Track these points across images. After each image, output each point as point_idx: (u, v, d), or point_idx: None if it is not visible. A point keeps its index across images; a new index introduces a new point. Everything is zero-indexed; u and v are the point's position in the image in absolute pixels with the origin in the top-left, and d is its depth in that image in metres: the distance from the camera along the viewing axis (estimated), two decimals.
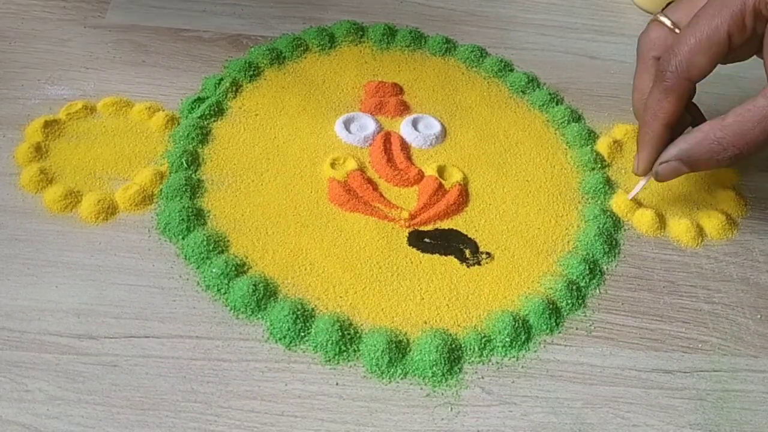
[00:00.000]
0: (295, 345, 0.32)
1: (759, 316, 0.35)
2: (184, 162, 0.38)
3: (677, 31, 0.37)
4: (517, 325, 0.33)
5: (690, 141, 0.35)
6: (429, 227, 0.37)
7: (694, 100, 0.38)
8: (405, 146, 0.41)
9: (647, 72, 0.38)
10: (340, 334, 0.32)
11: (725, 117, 0.34)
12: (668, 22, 0.38)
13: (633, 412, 0.31)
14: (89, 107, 0.40)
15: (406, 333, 0.33)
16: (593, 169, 0.41)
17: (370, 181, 0.38)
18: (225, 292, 0.33)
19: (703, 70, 0.35)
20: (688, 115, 0.38)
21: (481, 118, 0.43)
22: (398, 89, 0.44)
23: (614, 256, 0.37)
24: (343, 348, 0.32)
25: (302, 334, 0.32)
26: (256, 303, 0.33)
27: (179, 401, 0.29)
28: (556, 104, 0.44)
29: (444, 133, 0.42)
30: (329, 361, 0.31)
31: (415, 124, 0.42)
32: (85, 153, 0.38)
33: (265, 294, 0.33)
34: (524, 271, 0.36)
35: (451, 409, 0.30)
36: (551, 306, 0.34)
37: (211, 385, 0.30)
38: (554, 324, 0.34)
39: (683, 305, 0.35)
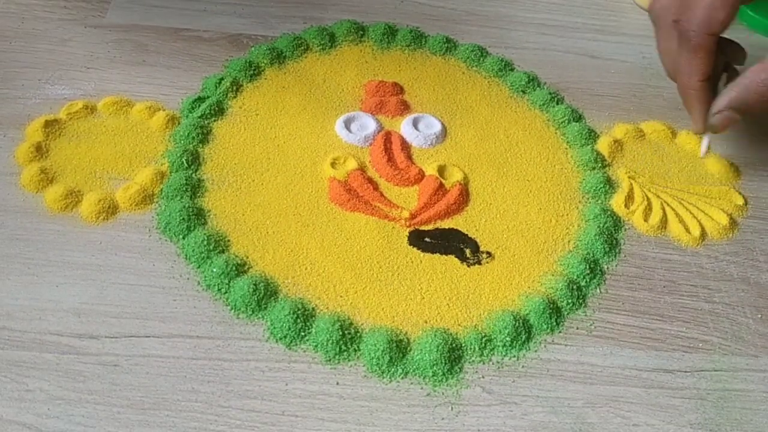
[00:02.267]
0: (296, 344, 0.32)
1: (759, 316, 0.35)
2: (185, 161, 0.38)
3: None
4: (517, 324, 0.33)
5: (738, 88, 0.37)
6: (429, 227, 0.37)
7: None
8: (405, 146, 0.41)
9: (669, 35, 0.40)
10: (340, 333, 0.32)
11: (766, 59, 0.36)
12: None
13: (633, 411, 0.31)
14: (90, 107, 0.40)
15: (406, 332, 0.33)
16: (594, 168, 0.41)
17: (370, 180, 0.38)
18: (225, 292, 0.33)
19: (724, 22, 0.37)
20: (720, 56, 0.40)
21: (482, 117, 0.43)
22: (399, 89, 0.44)
23: (615, 256, 0.37)
24: (344, 347, 0.32)
25: (303, 333, 0.32)
26: (256, 302, 0.33)
27: (180, 401, 0.29)
28: (557, 104, 0.44)
29: (444, 133, 0.42)
30: (330, 360, 0.31)
31: (415, 123, 0.42)
32: (85, 153, 0.38)
33: (265, 293, 0.33)
34: (525, 270, 0.36)
35: (452, 408, 0.30)
36: (552, 305, 0.34)
37: (211, 385, 0.30)
38: (555, 323, 0.34)
39: (684, 305, 0.35)
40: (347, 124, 0.41)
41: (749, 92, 0.36)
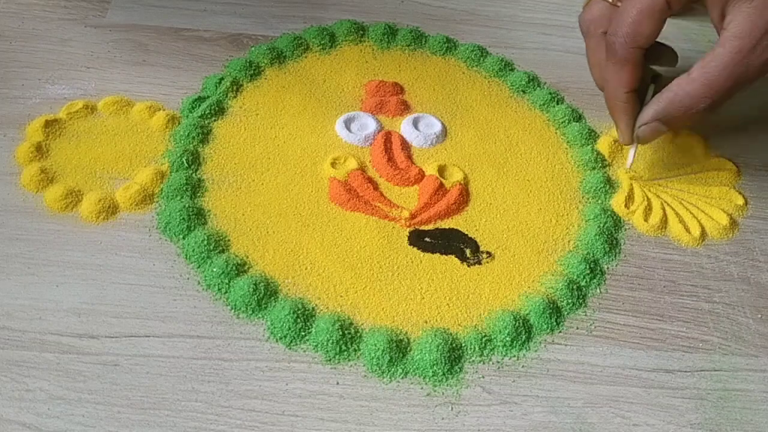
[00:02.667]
0: (296, 344, 0.32)
1: (759, 316, 0.35)
2: (185, 161, 0.38)
3: (618, 4, 0.39)
4: (517, 324, 0.33)
5: (663, 101, 0.37)
6: (429, 226, 0.37)
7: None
8: (405, 145, 0.41)
9: (599, 47, 0.40)
10: (340, 333, 0.32)
11: (691, 72, 0.36)
12: None
13: (634, 411, 0.31)
14: (90, 106, 0.40)
15: (406, 332, 0.33)
16: (594, 168, 0.41)
17: (370, 180, 0.38)
18: (225, 292, 0.33)
19: (650, 36, 0.37)
20: (648, 66, 0.40)
21: (482, 117, 0.43)
22: (399, 89, 0.44)
23: (615, 256, 0.37)
24: (344, 347, 0.32)
25: (303, 333, 0.32)
26: (256, 302, 0.33)
27: (180, 400, 0.29)
28: (557, 104, 0.44)
29: (444, 133, 0.42)
30: (330, 360, 0.31)
31: (415, 123, 0.42)
32: (85, 152, 0.38)
33: (265, 293, 0.33)
34: (525, 270, 0.36)
35: (452, 408, 0.30)
36: (552, 305, 0.34)
37: (211, 385, 0.30)
38: (555, 323, 0.34)
39: (684, 305, 0.35)
40: (347, 124, 0.41)
41: (674, 105, 0.36)
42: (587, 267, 0.36)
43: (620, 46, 0.37)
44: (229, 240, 0.35)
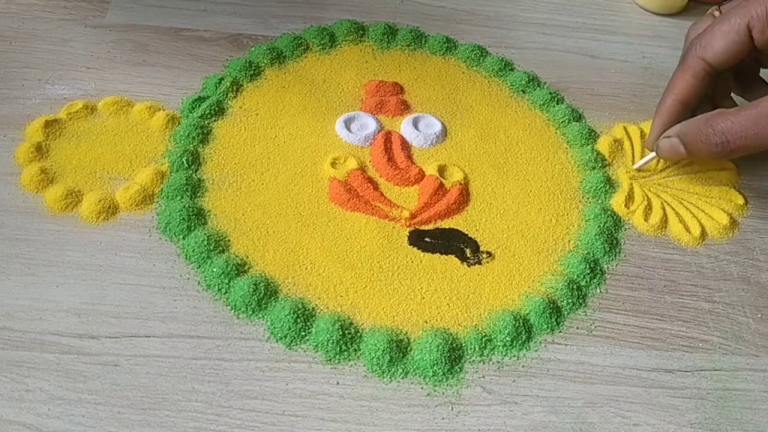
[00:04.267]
0: (296, 344, 0.32)
1: (759, 315, 0.35)
2: (185, 161, 0.38)
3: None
4: (517, 324, 0.33)
5: (690, 121, 0.36)
6: (430, 226, 0.37)
7: None
8: (406, 145, 0.41)
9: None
10: (340, 333, 0.32)
11: (731, 109, 0.35)
12: (717, 14, 0.39)
13: (634, 411, 0.31)
14: (90, 107, 0.40)
15: (406, 332, 0.33)
16: (594, 168, 0.41)
17: (370, 180, 0.38)
18: (226, 292, 0.33)
19: (718, 53, 0.36)
20: (731, 100, 0.40)
21: (482, 117, 0.43)
22: (399, 88, 0.44)
23: (615, 256, 0.37)
24: (344, 347, 0.32)
25: (303, 333, 0.32)
26: (256, 302, 0.33)
27: (180, 401, 0.29)
28: (557, 103, 0.44)
29: (444, 133, 0.42)
30: (330, 360, 0.31)
31: (415, 123, 0.42)
32: (85, 152, 0.38)
33: (265, 293, 0.33)
34: (525, 270, 0.36)
35: (452, 408, 0.30)
36: (552, 305, 0.34)
37: (212, 385, 0.30)
38: (555, 323, 0.34)
39: (684, 304, 0.35)
40: (347, 124, 0.41)
41: (695, 128, 0.36)
42: (587, 267, 0.36)
43: (687, 51, 0.37)
44: (229, 240, 0.35)
